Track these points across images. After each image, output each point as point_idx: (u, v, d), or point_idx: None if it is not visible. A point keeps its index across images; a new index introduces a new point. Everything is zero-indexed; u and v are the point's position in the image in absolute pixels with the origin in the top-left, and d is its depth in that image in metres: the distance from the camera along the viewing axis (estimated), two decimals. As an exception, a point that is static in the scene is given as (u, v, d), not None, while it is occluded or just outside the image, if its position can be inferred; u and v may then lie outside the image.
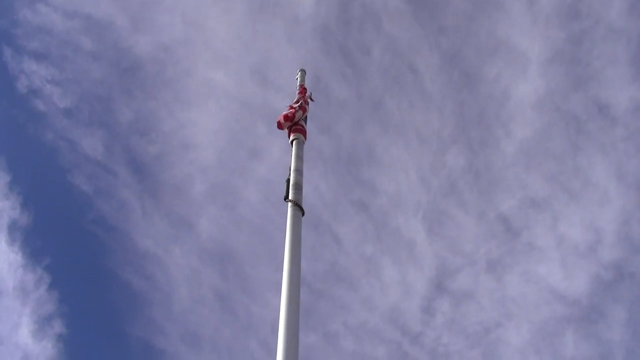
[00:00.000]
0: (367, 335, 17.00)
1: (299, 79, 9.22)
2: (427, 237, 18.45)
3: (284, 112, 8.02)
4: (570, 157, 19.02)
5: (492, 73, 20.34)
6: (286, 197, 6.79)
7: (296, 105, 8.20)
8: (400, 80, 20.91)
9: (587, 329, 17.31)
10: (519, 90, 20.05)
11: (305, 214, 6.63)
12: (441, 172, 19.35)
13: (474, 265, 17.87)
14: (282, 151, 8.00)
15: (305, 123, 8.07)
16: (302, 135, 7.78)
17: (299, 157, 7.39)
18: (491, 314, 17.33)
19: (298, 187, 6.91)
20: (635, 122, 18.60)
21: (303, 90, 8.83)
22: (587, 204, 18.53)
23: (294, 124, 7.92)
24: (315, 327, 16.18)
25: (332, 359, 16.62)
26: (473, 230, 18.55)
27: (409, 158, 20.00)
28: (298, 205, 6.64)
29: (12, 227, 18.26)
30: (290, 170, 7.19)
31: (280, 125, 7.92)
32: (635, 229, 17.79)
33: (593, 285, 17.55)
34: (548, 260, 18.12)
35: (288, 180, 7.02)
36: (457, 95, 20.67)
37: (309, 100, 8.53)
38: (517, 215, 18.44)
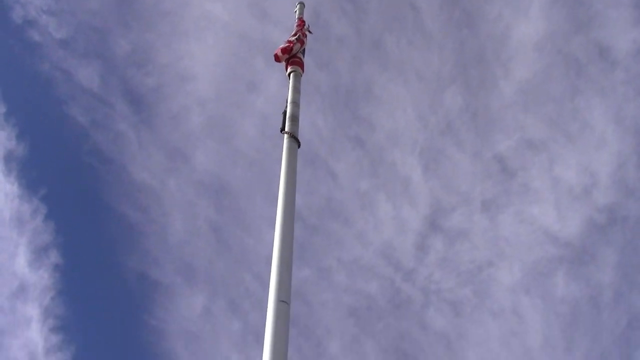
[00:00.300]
0: (360, 270, 17.20)
1: (297, 12, 9.12)
2: (422, 174, 18.52)
3: (282, 45, 7.95)
4: (569, 99, 18.94)
5: (493, 13, 20.11)
6: (282, 129, 6.77)
7: (294, 38, 8.13)
8: (401, 18, 20.68)
9: (578, 271, 17.53)
10: (520, 31, 19.86)
11: (301, 146, 6.63)
12: (439, 110, 19.29)
13: (468, 204, 17.99)
14: (279, 85, 7.97)
15: (303, 56, 8.01)
16: (299, 68, 7.72)
17: (296, 89, 7.35)
18: (484, 253, 17.52)
19: (294, 119, 6.89)
20: (636, 65, 18.48)
21: (301, 22, 8.74)
22: (583, 147, 18.55)
23: (291, 56, 7.86)
24: (309, 262, 16.36)
25: (326, 294, 16.85)
26: (469, 169, 18.62)
27: (407, 96, 19.92)
28: (294, 137, 6.62)
29: (8, 158, 18.26)
30: (287, 102, 7.16)
31: (277, 58, 7.87)
32: (631, 173, 17.86)
33: (586, 228, 17.70)
34: (542, 201, 18.23)
35: (285, 112, 6.99)
36: (457, 34, 20.46)
37: (307, 32, 8.45)
38: (513, 156, 18.49)
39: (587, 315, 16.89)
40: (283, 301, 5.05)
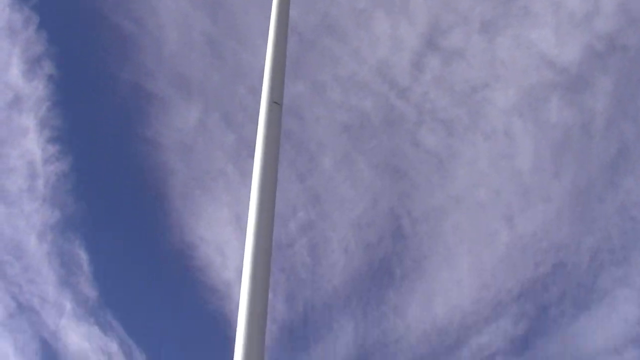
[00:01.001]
0: (355, 87, 17.18)
1: None
2: (422, -8, 18.09)
3: None
4: None
5: None
6: None
7: None
8: None
9: (573, 97, 17.54)
10: None
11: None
12: None
13: (467, 24, 17.67)
14: None
15: None
16: None
17: None
18: (480, 74, 17.43)
19: None
20: None
21: None
22: (590, -29, 18.04)
23: None
24: (303, 77, 16.29)
25: (319, 109, 16.94)
26: (470, -11, 18.17)
27: None
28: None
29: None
30: None
31: None
32: (634, 2, 17.48)
33: (584, 55, 17.52)
34: (542, 25, 17.91)
35: None
36: None
37: None
38: (516, -24, 17.99)
39: (577, 142, 17.10)
40: (275, 102, 5.07)
